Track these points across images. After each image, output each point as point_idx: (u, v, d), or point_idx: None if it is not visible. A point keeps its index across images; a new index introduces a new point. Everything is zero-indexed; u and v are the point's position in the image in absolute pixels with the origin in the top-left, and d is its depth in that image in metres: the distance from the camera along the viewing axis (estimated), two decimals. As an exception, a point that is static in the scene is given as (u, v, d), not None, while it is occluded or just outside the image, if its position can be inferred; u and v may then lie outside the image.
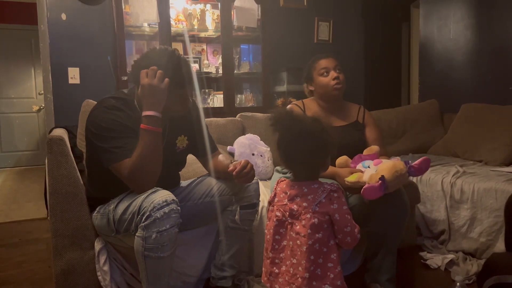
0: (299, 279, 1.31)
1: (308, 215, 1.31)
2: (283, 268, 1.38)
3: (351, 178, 1.64)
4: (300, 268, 1.31)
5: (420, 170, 1.63)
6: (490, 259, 1.62)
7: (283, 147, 1.38)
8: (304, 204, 1.33)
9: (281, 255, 1.39)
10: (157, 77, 1.53)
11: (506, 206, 1.73)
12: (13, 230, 3.08)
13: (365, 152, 1.78)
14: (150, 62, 1.56)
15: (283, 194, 1.40)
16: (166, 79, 1.54)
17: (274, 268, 1.41)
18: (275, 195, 1.45)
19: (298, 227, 1.33)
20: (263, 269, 1.45)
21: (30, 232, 3.01)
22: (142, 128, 1.53)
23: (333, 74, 2.02)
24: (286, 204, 1.37)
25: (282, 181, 1.45)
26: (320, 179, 1.41)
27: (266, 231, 1.46)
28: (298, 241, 1.32)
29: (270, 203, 1.47)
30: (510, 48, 3.10)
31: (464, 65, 3.48)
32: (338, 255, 1.35)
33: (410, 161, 1.63)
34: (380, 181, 1.52)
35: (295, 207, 1.35)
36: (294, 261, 1.33)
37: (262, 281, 1.47)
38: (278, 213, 1.39)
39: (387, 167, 1.57)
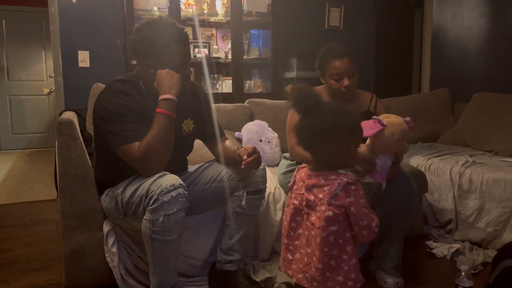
0: (313, 269, 1.31)
1: (323, 207, 1.28)
2: (297, 255, 1.39)
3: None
4: (314, 258, 1.31)
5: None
6: (509, 244, 1.65)
7: (305, 132, 1.34)
8: (320, 195, 1.30)
9: (296, 242, 1.40)
10: None
11: None
12: (23, 211, 3.13)
13: None
14: (153, 35, 1.58)
15: (301, 182, 1.39)
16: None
17: (288, 254, 1.42)
18: (294, 182, 1.44)
19: (313, 218, 1.32)
20: (281, 254, 1.47)
21: (40, 213, 3.06)
22: (158, 112, 1.55)
23: (345, 82, 1.92)
24: (303, 193, 1.36)
25: (303, 167, 1.43)
26: None
27: (283, 217, 1.46)
28: (313, 232, 1.32)
29: (290, 189, 1.45)
30: (525, 37, 3.05)
31: (477, 53, 3.43)
32: (354, 248, 1.33)
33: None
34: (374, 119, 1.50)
35: (311, 197, 1.33)
36: (309, 250, 1.33)
37: (279, 265, 1.49)
38: (295, 201, 1.39)
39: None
